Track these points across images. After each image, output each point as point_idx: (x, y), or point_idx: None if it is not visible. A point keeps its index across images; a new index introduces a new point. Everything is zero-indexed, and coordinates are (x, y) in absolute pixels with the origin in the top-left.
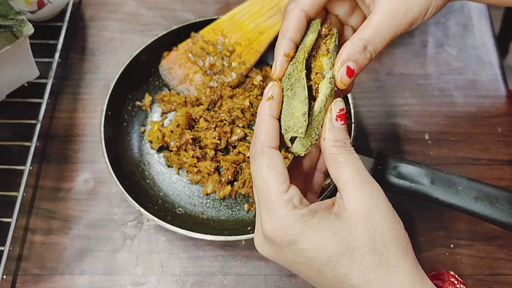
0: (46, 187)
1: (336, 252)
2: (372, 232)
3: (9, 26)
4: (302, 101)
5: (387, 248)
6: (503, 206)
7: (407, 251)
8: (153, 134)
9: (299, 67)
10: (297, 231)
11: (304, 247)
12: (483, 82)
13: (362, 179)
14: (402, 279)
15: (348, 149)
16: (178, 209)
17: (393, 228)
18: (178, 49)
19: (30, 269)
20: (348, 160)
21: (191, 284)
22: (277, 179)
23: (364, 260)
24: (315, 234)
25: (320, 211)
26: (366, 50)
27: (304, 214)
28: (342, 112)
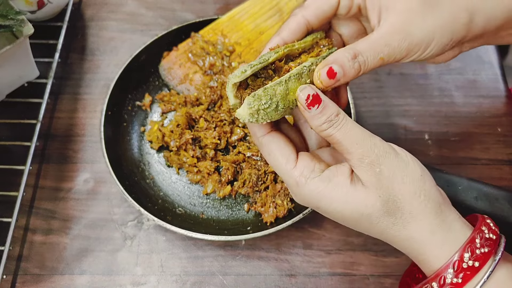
0: (46, 187)
1: (352, 217)
2: (384, 197)
3: (9, 26)
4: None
5: (400, 208)
6: (503, 206)
7: (426, 202)
8: (153, 134)
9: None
10: (315, 200)
11: (325, 210)
12: (483, 82)
13: (359, 153)
14: (421, 231)
15: (335, 125)
16: (178, 209)
17: (404, 187)
18: (178, 49)
19: (30, 269)
20: (341, 138)
21: (191, 284)
22: (280, 161)
23: (380, 222)
24: (331, 202)
25: (335, 178)
26: (356, 59)
27: (317, 185)
28: (310, 99)
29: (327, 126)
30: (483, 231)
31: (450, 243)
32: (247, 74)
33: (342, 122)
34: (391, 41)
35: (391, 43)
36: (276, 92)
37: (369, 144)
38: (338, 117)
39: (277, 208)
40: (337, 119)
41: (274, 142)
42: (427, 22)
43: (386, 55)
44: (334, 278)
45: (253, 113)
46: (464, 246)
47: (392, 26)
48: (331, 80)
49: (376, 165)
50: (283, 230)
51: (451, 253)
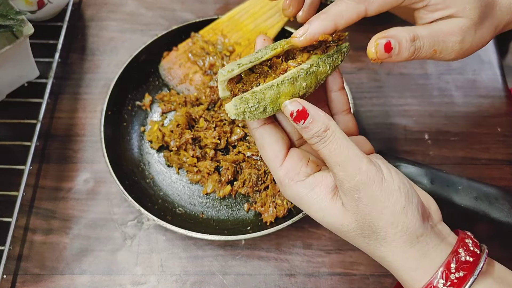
0: (46, 186)
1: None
2: (360, 222)
3: (9, 26)
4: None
5: (375, 233)
6: (503, 206)
7: (402, 233)
8: (153, 134)
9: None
10: (298, 202)
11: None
12: (482, 82)
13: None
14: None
15: (323, 141)
16: (178, 209)
17: (383, 217)
18: (178, 49)
19: (30, 269)
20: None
21: (191, 283)
22: (269, 157)
23: (355, 239)
24: (310, 212)
25: (317, 188)
26: (414, 42)
27: (298, 189)
28: (295, 115)
29: (315, 141)
30: (459, 253)
31: (425, 267)
32: (233, 74)
33: (329, 139)
34: (447, 40)
35: (447, 42)
36: (266, 96)
37: (352, 169)
38: (325, 133)
39: (277, 208)
40: (325, 135)
41: (266, 136)
42: (478, 34)
43: (439, 50)
44: (334, 278)
45: (238, 113)
46: (438, 272)
47: (451, 26)
48: (386, 53)
49: (355, 192)
50: (283, 230)
51: (425, 277)
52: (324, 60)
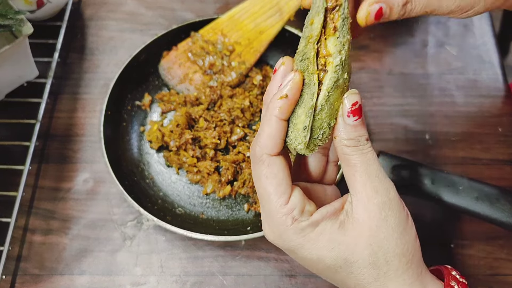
0: (46, 187)
1: (333, 265)
2: (375, 247)
3: (8, 26)
4: (307, 112)
5: (388, 263)
6: (504, 206)
7: (412, 263)
8: (152, 134)
9: (311, 68)
10: (295, 244)
11: (302, 256)
12: (483, 81)
13: (374, 187)
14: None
15: (362, 148)
16: (177, 209)
17: (400, 242)
18: (178, 49)
19: (29, 269)
20: (362, 163)
21: (191, 284)
22: (276, 191)
23: (361, 273)
24: (313, 248)
25: (323, 222)
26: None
27: (303, 228)
28: (355, 107)
29: (353, 144)
30: (453, 286)
31: None
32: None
33: (369, 149)
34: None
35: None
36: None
37: (386, 185)
38: (367, 142)
39: None
40: (366, 143)
41: (279, 167)
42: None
43: (430, 10)
44: None
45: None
46: None
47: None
48: (376, 20)
49: (385, 209)
50: None
51: None
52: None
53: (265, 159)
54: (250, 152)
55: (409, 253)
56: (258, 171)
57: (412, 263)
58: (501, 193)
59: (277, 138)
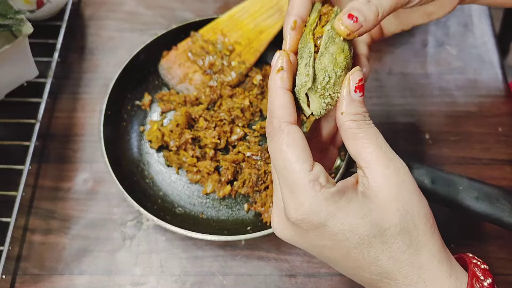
0: (45, 186)
1: (367, 235)
2: (403, 211)
3: (8, 25)
4: (306, 56)
5: (417, 227)
6: (504, 206)
7: (434, 229)
8: (152, 134)
9: (307, 37)
10: (327, 213)
11: (333, 230)
12: (483, 81)
13: (387, 156)
14: (431, 258)
15: (368, 123)
16: (177, 209)
17: (421, 205)
18: (178, 48)
19: (29, 269)
20: (370, 135)
21: (191, 284)
22: (299, 157)
23: (395, 242)
24: (346, 216)
25: (348, 191)
26: (371, 2)
27: (333, 194)
28: (361, 83)
29: (360, 118)
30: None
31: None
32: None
33: (372, 124)
34: None
35: None
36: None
37: (394, 154)
38: (370, 119)
39: None
40: (369, 120)
41: (300, 135)
42: None
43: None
44: (334, 278)
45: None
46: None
47: None
48: (355, 24)
49: (401, 174)
50: None
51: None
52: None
53: (284, 127)
54: (266, 129)
55: (430, 217)
56: (279, 142)
57: (435, 228)
58: (501, 193)
59: (290, 107)
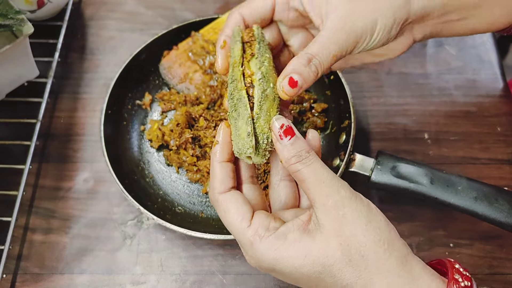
0: (46, 186)
1: (313, 272)
2: (345, 246)
3: (9, 26)
4: (246, 121)
5: (364, 257)
6: (503, 206)
7: (390, 252)
8: (153, 133)
9: (239, 86)
10: (271, 260)
11: (283, 272)
12: (482, 81)
13: (324, 192)
14: (387, 284)
15: (305, 161)
16: (177, 208)
17: (368, 234)
18: (178, 48)
19: (29, 268)
20: (309, 174)
21: (191, 283)
22: (236, 218)
23: (343, 274)
24: (288, 260)
25: (290, 233)
26: (311, 63)
27: (272, 242)
28: (284, 128)
29: (296, 160)
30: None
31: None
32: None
33: (312, 159)
34: (338, 39)
35: (338, 41)
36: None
37: (336, 186)
38: (308, 154)
39: None
40: (308, 155)
41: (232, 200)
42: (367, 7)
43: (337, 52)
44: None
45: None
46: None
47: (335, 24)
48: (295, 89)
49: (340, 208)
50: None
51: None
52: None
53: (218, 197)
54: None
55: (382, 242)
56: (219, 210)
57: (391, 252)
58: (499, 193)
59: (222, 178)
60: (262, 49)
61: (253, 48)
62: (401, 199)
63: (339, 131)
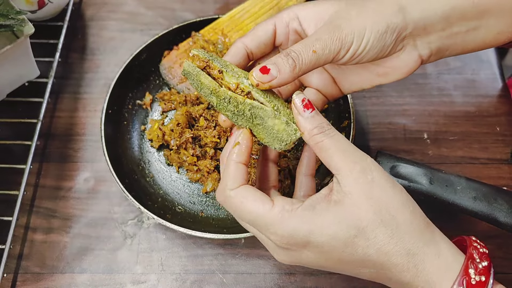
0: (47, 186)
1: (348, 237)
2: (376, 207)
3: (10, 26)
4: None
5: (394, 217)
6: (502, 206)
7: (415, 213)
8: (153, 133)
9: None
10: (305, 231)
11: (318, 243)
12: (481, 81)
13: (351, 159)
14: (416, 242)
15: (328, 132)
16: (177, 207)
17: (394, 195)
18: (179, 48)
19: (30, 268)
20: (332, 144)
21: (191, 282)
22: (256, 205)
23: (377, 236)
24: (322, 228)
25: (317, 204)
26: (288, 56)
27: (302, 213)
28: (305, 102)
29: (319, 131)
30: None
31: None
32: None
33: (333, 131)
34: (321, 35)
35: (321, 36)
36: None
37: (360, 153)
38: (330, 126)
39: None
40: (329, 127)
41: (247, 190)
42: (353, 11)
43: (318, 48)
44: (334, 276)
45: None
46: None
47: (323, 25)
48: (265, 75)
49: (368, 172)
50: None
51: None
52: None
53: (230, 193)
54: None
55: (408, 205)
56: (233, 204)
57: (415, 214)
58: (498, 193)
59: (237, 176)
60: (220, 61)
61: (214, 67)
62: None
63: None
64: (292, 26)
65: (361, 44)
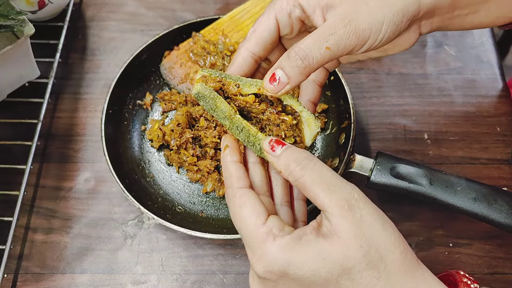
0: (47, 186)
1: (331, 275)
2: (366, 247)
3: (10, 26)
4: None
5: (383, 258)
6: (502, 207)
7: (406, 253)
8: (153, 133)
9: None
10: (284, 261)
11: (296, 276)
12: (482, 81)
13: (337, 196)
14: (405, 285)
15: (305, 165)
16: (177, 208)
17: (385, 234)
18: (179, 49)
19: (31, 268)
20: (314, 179)
21: (191, 282)
22: (251, 214)
23: (363, 277)
24: (304, 261)
25: (305, 236)
26: (297, 56)
27: (287, 242)
28: (272, 143)
29: (296, 165)
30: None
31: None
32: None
33: (312, 163)
34: (336, 29)
35: (337, 31)
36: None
37: (345, 187)
38: (309, 159)
39: None
40: (308, 159)
41: (250, 196)
42: (372, 2)
43: (332, 44)
44: None
45: None
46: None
47: (336, 17)
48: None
49: (356, 210)
50: None
51: None
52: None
53: (236, 192)
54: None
55: (398, 243)
56: (234, 205)
57: (406, 253)
58: (498, 194)
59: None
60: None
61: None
62: (401, 200)
63: (339, 131)
64: (294, 15)
65: (377, 38)
